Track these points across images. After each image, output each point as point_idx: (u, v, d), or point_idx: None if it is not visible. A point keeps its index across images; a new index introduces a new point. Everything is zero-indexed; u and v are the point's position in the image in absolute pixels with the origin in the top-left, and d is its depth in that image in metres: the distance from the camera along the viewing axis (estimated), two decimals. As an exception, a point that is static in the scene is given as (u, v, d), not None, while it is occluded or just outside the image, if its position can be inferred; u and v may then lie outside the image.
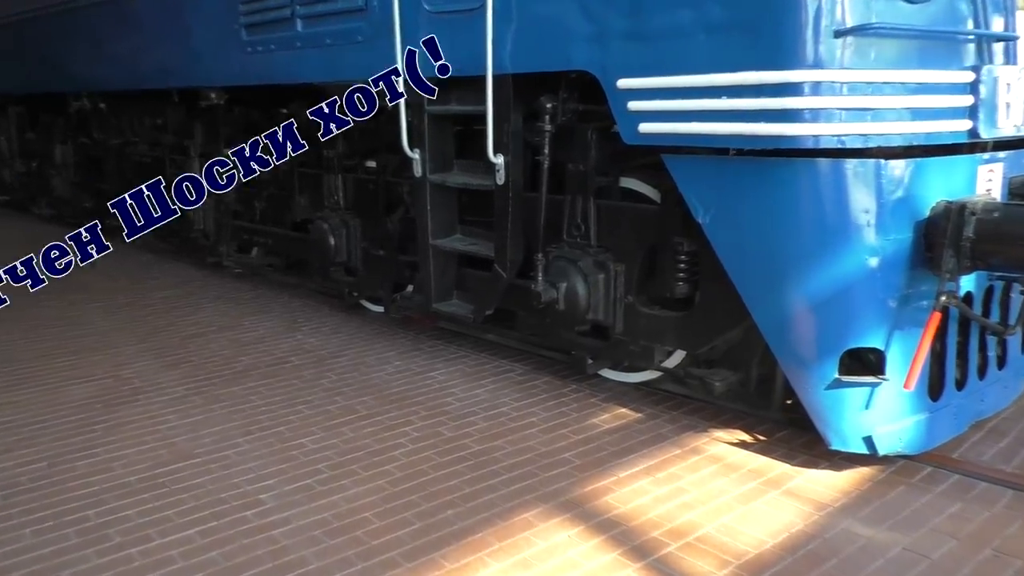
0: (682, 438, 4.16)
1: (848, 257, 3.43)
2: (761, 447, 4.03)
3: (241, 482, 3.74)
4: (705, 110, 3.49)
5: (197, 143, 7.98)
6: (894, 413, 3.62)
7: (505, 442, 4.13)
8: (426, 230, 5.05)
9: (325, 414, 4.52)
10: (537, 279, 4.49)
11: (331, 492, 3.63)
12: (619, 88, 3.78)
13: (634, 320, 4.42)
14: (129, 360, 5.55)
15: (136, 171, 9.19)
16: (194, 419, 4.50)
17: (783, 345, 3.69)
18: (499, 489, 3.63)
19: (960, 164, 3.65)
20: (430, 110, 4.85)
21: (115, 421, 4.50)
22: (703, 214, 3.73)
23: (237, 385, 5.01)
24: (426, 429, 4.30)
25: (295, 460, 3.96)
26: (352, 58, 5.25)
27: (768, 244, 3.56)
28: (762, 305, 3.68)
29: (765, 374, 4.30)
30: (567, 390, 4.83)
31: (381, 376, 5.12)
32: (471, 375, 5.10)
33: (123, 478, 3.82)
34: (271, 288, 7.54)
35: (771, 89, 3.28)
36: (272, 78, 6.03)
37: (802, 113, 3.25)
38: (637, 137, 3.77)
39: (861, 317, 3.49)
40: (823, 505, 3.44)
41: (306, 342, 5.88)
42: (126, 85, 8.22)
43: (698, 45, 3.48)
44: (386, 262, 5.87)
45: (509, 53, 4.25)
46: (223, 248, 7.84)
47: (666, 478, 3.72)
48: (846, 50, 3.23)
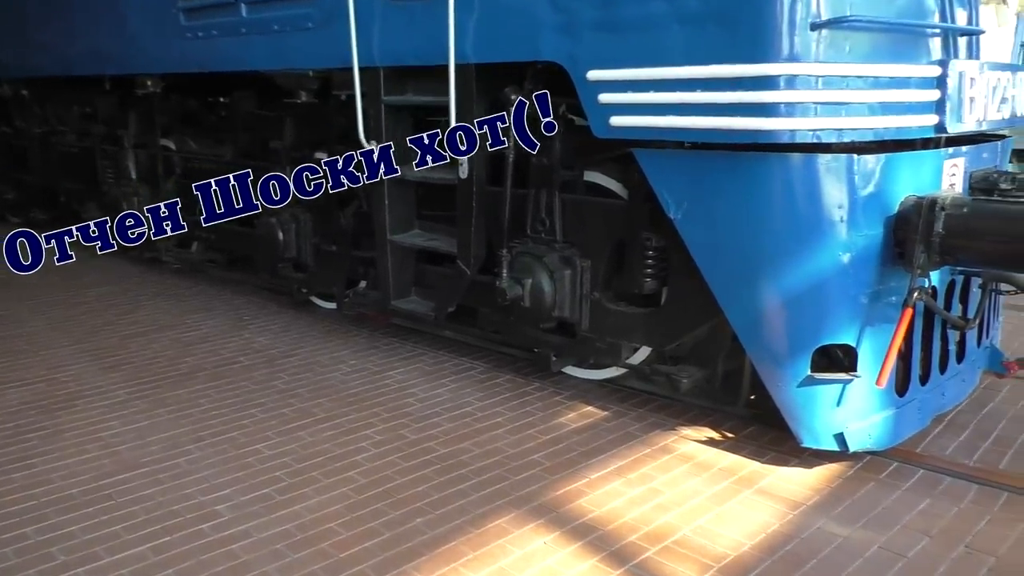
0: (650, 436, 4.10)
1: (821, 253, 3.40)
2: (730, 444, 4.00)
3: (195, 492, 3.54)
4: (679, 103, 3.41)
5: (131, 133, 7.61)
6: (864, 410, 3.62)
7: (472, 444, 4.00)
8: (384, 225, 4.88)
9: (280, 418, 4.32)
10: (501, 275, 4.37)
11: (292, 501, 3.45)
12: (589, 80, 3.68)
13: (601, 317, 4.34)
14: (65, 362, 5.24)
15: (63, 162, 8.74)
16: (139, 425, 4.25)
17: (755, 342, 3.65)
18: (469, 494, 3.51)
19: (927, 159, 3.65)
20: (387, 101, 4.68)
21: (53, 428, 4.22)
22: (675, 209, 3.66)
23: (183, 388, 4.77)
24: (388, 432, 4.14)
25: (251, 468, 3.76)
26: (302, 45, 5.03)
27: (741, 240, 3.51)
28: (734, 302, 3.63)
29: (731, 370, 4.27)
30: (531, 388, 4.73)
31: (337, 376, 4.94)
32: (431, 374, 4.96)
33: (65, 490, 3.57)
34: (213, 285, 7.25)
35: (748, 82, 3.22)
36: (215, 65, 5.76)
37: (778, 107, 3.20)
38: (608, 130, 3.68)
39: (834, 313, 3.47)
40: (796, 504, 3.42)
41: (255, 341, 5.65)
42: (54, 71, 7.78)
43: (672, 37, 3.40)
44: (339, 258, 5.67)
45: (472, 42, 4.11)
46: (161, 243, 7.49)
47: (638, 479, 3.65)
48: (821, 43, 3.19)
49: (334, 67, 4.90)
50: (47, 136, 8.94)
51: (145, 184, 7.51)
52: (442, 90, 4.37)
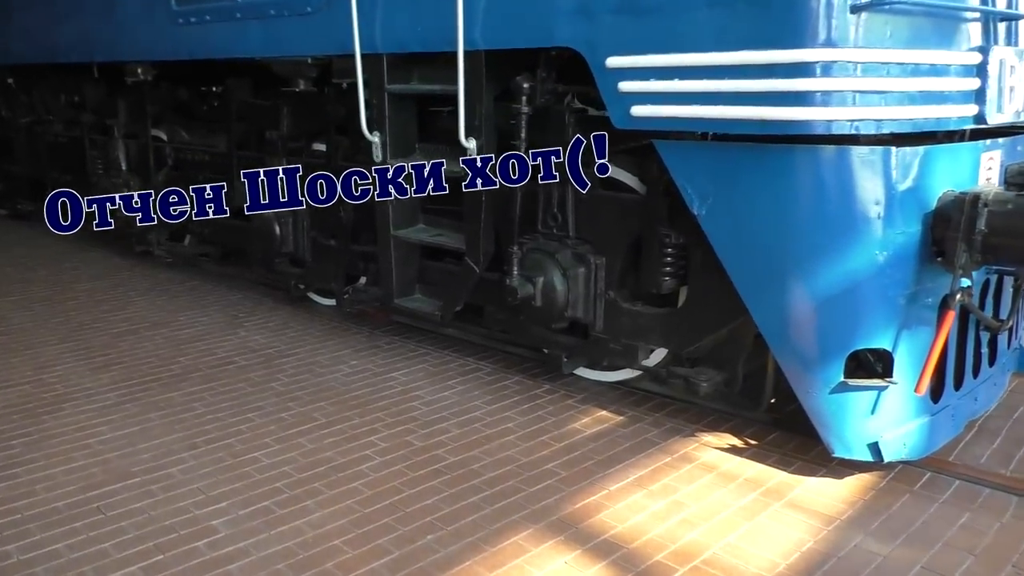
0: (670, 444, 3.90)
1: (856, 252, 3.19)
2: (754, 453, 3.80)
3: (189, 506, 3.32)
4: (706, 92, 3.20)
5: (121, 122, 7.35)
6: (899, 418, 3.43)
7: (482, 452, 3.80)
8: (387, 220, 4.66)
9: (279, 423, 4.11)
10: (511, 273, 4.16)
11: (293, 516, 3.24)
12: (608, 67, 3.46)
13: (616, 317, 4.13)
14: (51, 362, 5.00)
15: (51, 152, 8.48)
16: (129, 431, 4.03)
17: (784, 346, 3.45)
18: (482, 508, 3.30)
19: (965, 152, 3.46)
20: (391, 89, 4.45)
21: (38, 434, 4.00)
22: (698, 205, 3.45)
23: (176, 390, 4.55)
24: (393, 438, 3.93)
25: (250, 478, 3.55)
26: (300, 31, 4.80)
27: (769, 238, 3.31)
28: (762, 303, 3.43)
29: (750, 372, 4.08)
30: (541, 391, 4.52)
31: (337, 378, 4.72)
32: (436, 375, 4.74)
33: (50, 503, 3.35)
34: (207, 279, 7.01)
35: (781, 69, 3.01)
36: (208, 52, 5.51)
37: (814, 96, 2.99)
38: (628, 121, 3.46)
39: (869, 316, 3.27)
40: (830, 519, 3.22)
41: (251, 340, 5.42)
42: (41, 58, 7.51)
43: (700, 20, 3.18)
44: (339, 253, 5.44)
45: (482, 27, 3.88)
46: (152, 236, 7.25)
47: (660, 490, 3.45)
48: (861, 27, 2.97)
49: (334, 54, 4.66)
50: (34, 125, 8.67)
51: (136, 175, 7.26)
52: (449, 78, 4.15)
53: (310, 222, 5.70)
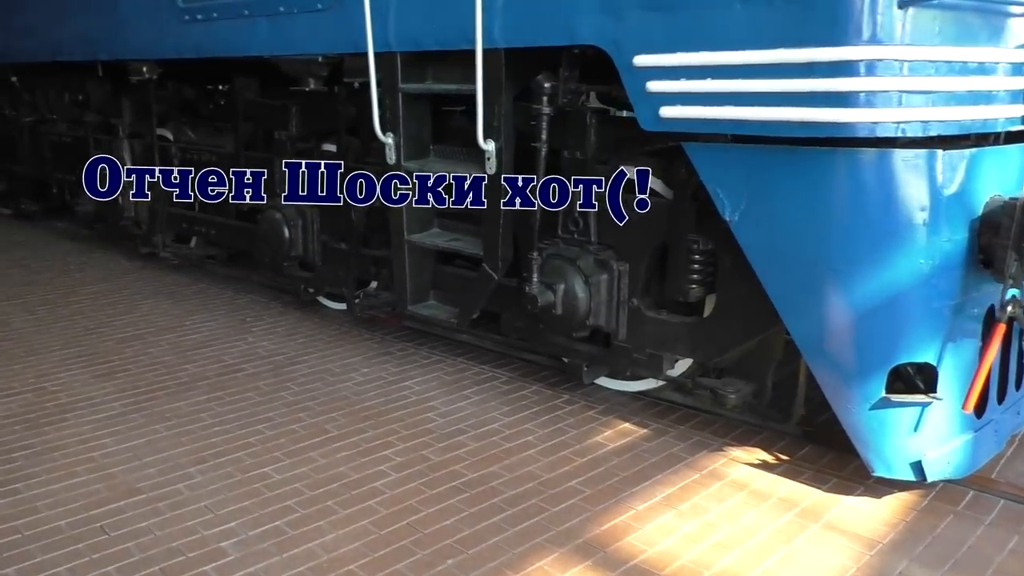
0: (697, 459, 3.73)
1: (899, 260, 3.03)
2: (786, 469, 3.64)
3: (196, 525, 3.17)
4: (741, 92, 3.03)
5: (126, 122, 7.20)
6: (942, 435, 3.26)
7: (501, 467, 3.64)
8: (400, 224, 4.50)
9: (290, 435, 3.95)
10: (531, 280, 3.99)
11: (306, 537, 3.09)
12: (636, 66, 3.29)
13: (640, 326, 3.97)
14: (54, 369, 4.85)
15: (55, 152, 8.33)
16: (135, 443, 3.88)
17: (822, 359, 3.28)
18: (504, 529, 3.14)
19: (1012, 155, 3.29)
20: (404, 89, 4.28)
21: (39, 447, 3.85)
22: (730, 210, 3.29)
23: (183, 400, 4.40)
24: (409, 452, 3.77)
25: (260, 495, 3.40)
26: (310, 28, 4.64)
27: (807, 245, 3.14)
28: (798, 314, 3.26)
29: (778, 384, 3.92)
30: (560, 401, 4.36)
31: (349, 387, 4.56)
32: (451, 384, 4.58)
33: (52, 522, 3.20)
34: (213, 282, 6.86)
35: (823, 68, 2.84)
36: (215, 51, 5.36)
37: (857, 97, 2.82)
38: (657, 123, 3.29)
39: (912, 328, 3.10)
40: (872, 542, 3.06)
41: (259, 346, 5.27)
42: (44, 57, 7.36)
43: (734, 16, 3.01)
44: (349, 257, 5.28)
45: (501, 24, 3.72)
46: (158, 238, 7.10)
47: (690, 510, 3.29)
48: (908, 23, 2.80)
49: (346, 52, 4.50)
50: (37, 125, 8.53)
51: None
52: (465, 77, 4.00)
53: (320, 225, 5.55)
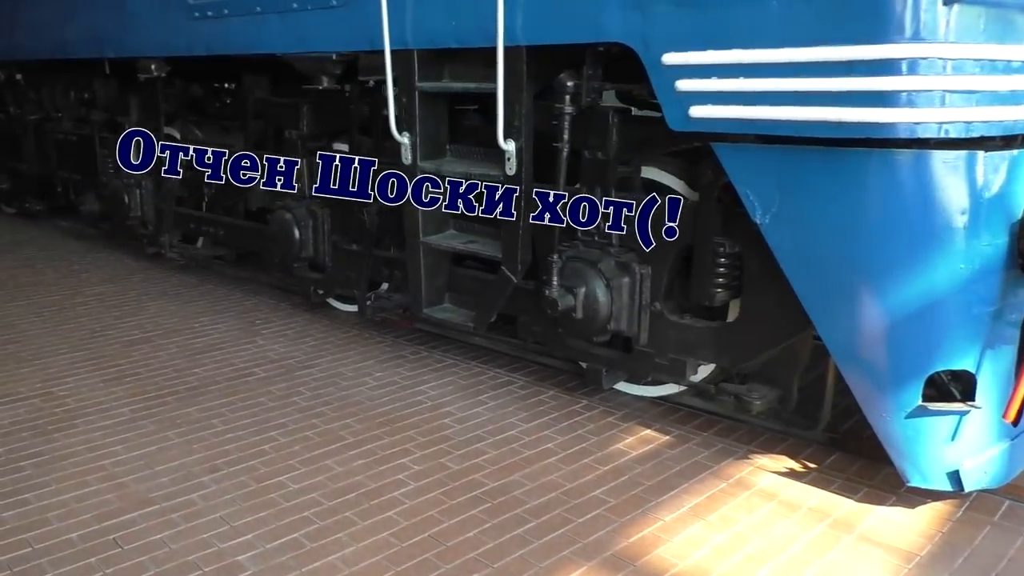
0: (723, 467, 3.64)
1: (938, 265, 2.93)
2: (814, 477, 3.54)
3: (212, 538, 3.08)
4: (776, 91, 2.93)
5: (133, 120, 7.10)
6: (980, 444, 3.17)
7: (522, 476, 3.55)
8: (416, 225, 4.40)
9: (304, 442, 3.86)
10: (551, 283, 3.90)
11: (326, 550, 2.99)
12: (665, 64, 3.20)
13: (662, 330, 3.88)
14: (61, 373, 4.76)
15: (60, 150, 8.24)
16: (146, 451, 3.79)
17: (855, 366, 3.19)
18: (529, 541, 3.05)
19: (1052, 157, 3.18)
20: (422, 87, 4.19)
21: (48, 454, 3.76)
22: (761, 213, 3.19)
23: (194, 405, 4.30)
24: (427, 460, 3.68)
25: (276, 505, 3.30)
26: (325, 26, 4.54)
27: (842, 249, 3.04)
28: (831, 319, 3.17)
29: (803, 390, 3.83)
30: (579, 407, 4.26)
31: (363, 392, 4.47)
32: (467, 389, 4.49)
33: (63, 534, 3.11)
34: (221, 283, 6.76)
35: (863, 67, 2.74)
36: (225, 48, 5.26)
37: (899, 96, 2.72)
38: (687, 123, 3.20)
39: (951, 334, 3.01)
40: (910, 555, 2.96)
41: (269, 349, 5.17)
42: (50, 54, 7.26)
43: (769, 13, 2.91)
44: (362, 258, 5.19)
45: (523, 21, 3.63)
46: (165, 237, 7.01)
47: (719, 521, 3.19)
48: (952, 20, 2.70)
49: (361, 50, 4.41)
50: (42, 123, 8.44)
51: (148, 175, 7.02)
52: (484, 75, 3.91)
53: (330, 225, 5.45)
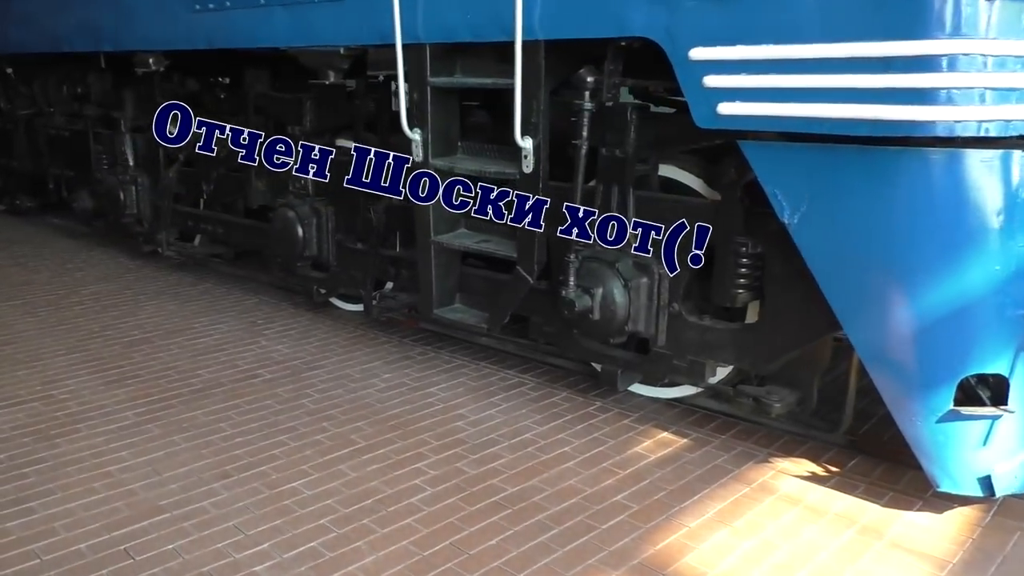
0: (744, 471, 3.58)
1: (972, 266, 2.87)
2: (838, 482, 3.48)
3: (227, 548, 2.98)
4: (810, 88, 2.86)
5: (128, 115, 6.96)
6: (1011, 447, 3.11)
7: (541, 481, 3.47)
8: (427, 224, 4.31)
9: (316, 447, 3.77)
10: (567, 284, 3.82)
11: (345, 560, 2.91)
12: (692, 60, 3.12)
13: (681, 332, 3.80)
14: (61, 376, 4.65)
15: (52, 146, 8.09)
16: (153, 456, 3.69)
17: (886, 369, 3.12)
18: (553, 549, 2.97)
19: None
20: (434, 83, 4.09)
21: (52, 460, 3.65)
22: (790, 213, 3.12)
23: (199, 408, 4.20)
24: (442, 465, 3.60)
25: (291, 513, 3.21)
26: (332, 18, 4.43)
27: (873, 250, 2.98)
28: (861, 321, 3.10)
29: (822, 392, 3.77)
30: (593, 409, 4.19)
31: (372, 394, 4.38)
32: (478, 391, 4.41)
33: (71, 544, 3.00)
34: (219, 282, 6.65)
35: (901, 63, 2.67)
36: (228, 42, 5.15)
37: (937, 94, 2.66)
38: (714, 120, 3.12)
39: (984, 337, 2.95)
40: (942, 562, 2.91)
41: (273, 350, 5.07)
42: (44, 48, 7.11)
43: (803, 7, 2.84)
44: (368, 257, 5.09)
45: (542, 14, 3.54)
46: (162, 235, 6.88)
47: (746, 528, 3.13)
48: (993, 15, 2.64)
49: (371, 44, 4.31)
50: (34, 118, 8.28)
51: (144, 171, 6.90)
52: (499, 71, 3.83)
53: (335, 224, 5.35)
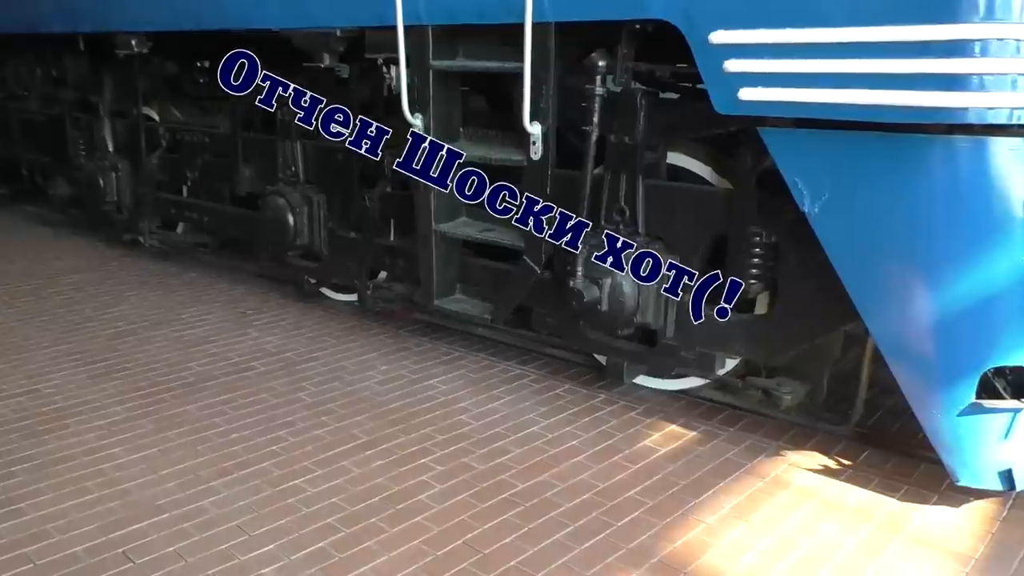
0: (756, 464, 3.52)
1: (998, 257, 2.81)
2: (851, 475, 3.43)
3: (231, 550, 2.86)
4: (837, 73, 2.78)
5: (107, 99, 6.75)
6: (1030, 441, 3.08)
7: (552, 477, 3.38)
8: (428, 212, 4.19)
9: (316, 442, 3.65)
10: (575, 274, 3.73)
11: (356, 562, 2.80)
12: (712, 44, 3.02)
13: (690, 323, 3.73)
14: (45, 369, 4.48)
15: (26, 131, 7.84)
16: (147, 453, 3.55)
17: (906, 361, 3.07)
18: (570, 547, 2.89)
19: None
20: (436, 66, 3.97)
21: (40, 458, 3.50)
22: (810, 202, 3.04)
23: (192, 402, 4.06)
24: (449, 460, 3.50)
25: (296, 512, 3.10)
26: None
27: (896, 240, 2.91)
28: (882, 313, 3.04)
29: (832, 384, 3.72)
30: (598, 401, 4.11)
31: (370, 387, 4.27)
32: (479, 383, 4.31)
33: (66, 548, 2.87)
34: (204, 272, 6.47)
35: (934, 48, 2.59)
36: (218, 23, 4.97)
37: (969, 80, 2.59)
38: (735, 106, 3.03)
39: (1009, 329, 2.90)
40: (965, 557, 2.86)
41: (265, 341, 4.93)
42: (16, 28, 6.86)
43: (829, -10, 2.76)
44: (363, 246, 4.96)
45: (553, -5, 3.43)
46: (144, 224, 6.68)
47: (763, 523, 3.06)
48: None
49: (369, 26, 4.16)
50: (6, 102, 8.01)
51: (125, 157, 6.69)
52: (505, 53, 3.71)
53: (327, 212, 5.21)
